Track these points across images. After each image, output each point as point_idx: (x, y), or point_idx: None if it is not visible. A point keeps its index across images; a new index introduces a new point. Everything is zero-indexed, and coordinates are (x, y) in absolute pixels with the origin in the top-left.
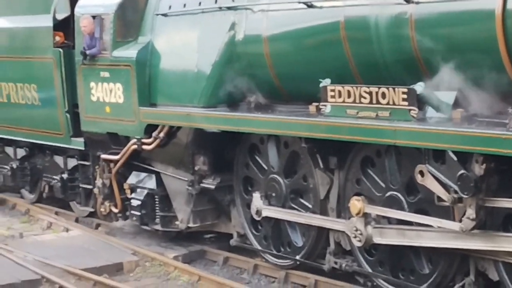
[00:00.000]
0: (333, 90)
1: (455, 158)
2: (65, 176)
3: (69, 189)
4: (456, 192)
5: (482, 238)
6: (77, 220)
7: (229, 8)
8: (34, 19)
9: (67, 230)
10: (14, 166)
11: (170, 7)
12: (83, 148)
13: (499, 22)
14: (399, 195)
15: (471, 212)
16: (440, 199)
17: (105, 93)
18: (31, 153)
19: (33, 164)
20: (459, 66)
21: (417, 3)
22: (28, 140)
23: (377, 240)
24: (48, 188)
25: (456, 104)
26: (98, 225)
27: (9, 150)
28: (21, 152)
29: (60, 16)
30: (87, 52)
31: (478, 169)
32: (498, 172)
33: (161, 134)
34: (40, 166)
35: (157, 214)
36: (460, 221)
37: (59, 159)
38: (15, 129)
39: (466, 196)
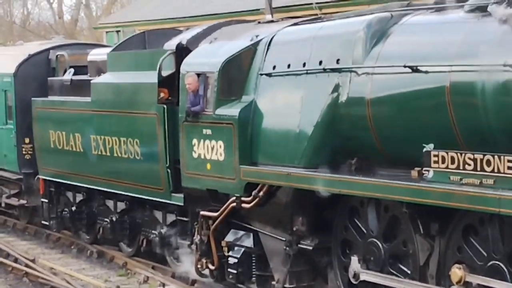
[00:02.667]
0: (436, 156)
1: None
2: (163, 231)
3: (167, 244)
4: None
5: None
6: (173, 276)
7: (333, 70)
8: (140, 75)
9: (163, 285)
10: (114, 219)
11: (274, 67)
12: (182, 204)
13: None
14: (501, 265)
15: None
16: None
17: (207, 150)
18: (131, 207)
19: (132, 218)
20: None
21: None
22: (129, 194)
23: None
24: (146, 242)
25: None
26: (194, 282)
27: (110, 203)
28: (121, 206)
29: (166, 73)
30: (191, 109)
31: None
32: None
33: (261, 193)
34: (139, 220)
35: (253, 273)
36: None
37: (158, 214)
38: (116, 182)
39: None
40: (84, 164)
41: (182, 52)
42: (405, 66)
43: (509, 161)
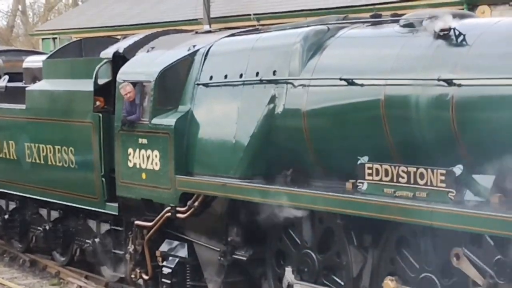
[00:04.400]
0: (370, 168)
1: (492, 243)
2: (97, 240)
3: (100, 253)
4: (491, 277)
5: None
6: (107, 285)
7: (270, 82)
8: (76, 83)
9: None
10: (47, 227)
11: (211, 77)
12: (117, 213)
13: None
14: (433, 277)
15: None
16: (475, 283)
17: (142, 160)
18: (65, 216)
19: (66, 227)
20: (499, 150)
21: (459, 85)
22: (62, 202)
23: None
24: (80, 252)
25: (495, 188)
26: None
27: (43, 211)
28: (54, 214)
29: (102, 81)
30: (127, 118)
31: None
32: None
33: (196, 203)
34: (72, 229)
35: (187, 283)
36: None
37: (92, 223)
38: (50, 191)
39: (502, 282)
40: (17, 172)
41: (118, 60)
42: (340, 79)
43: (441, 174)
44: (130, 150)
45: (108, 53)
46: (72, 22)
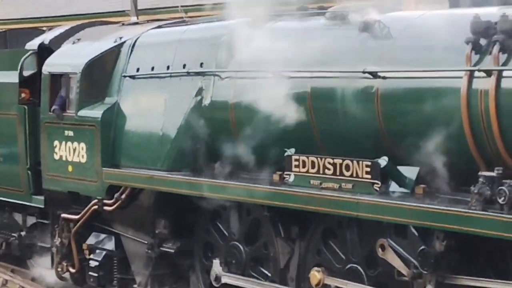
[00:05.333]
0: (297, 160)
1: (416, 234)
2: (23, 233)
3: (26, 247)
4: (416, 267)
5: None
6: (33, 279)
7: (197, 74)
8: (0, 75)
9: None
10: None
11: (138, 69)
12: (43, 206)
13: (464, 101)
14: (359, 267)
15: None
16: (400, 273)
17: (68, 152)
18: None
19: None
20: (423, 142)
21: (384, 78)
22: None
23: None
24: (5, 245)
25: (419, 179)
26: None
27: None
28: None
29: (27, 73)
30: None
31: (439, 245)
32: (459, 249)
33: (123, 196)
34: None
35: (115, 276)
36: None
37: (18, 216)
38: None
39: (425, 272)
40: None
41: (44, 52)
42: (267, 71)
43: (367, 166)
44: (56, 143)
45: (33, 44)
46: None
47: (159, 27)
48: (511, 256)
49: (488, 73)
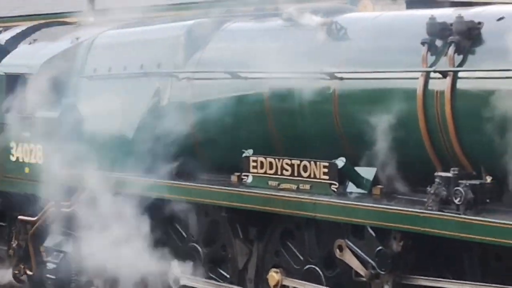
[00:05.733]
0: (255, 161)
1: (373, 234)
2: None
3: None
4: (373, 268)
5: None
6: None
7: (153, 74)
8: None
9: None
10: None
11: (95, 70)
12: None
13: (420, 102)
14: (317, 268)
15: None
16: (357, 274)
17: (25, 154)
18: None
19: None
20: (381, 143)
21: (341, 79)
22: None
23: None
24: None
25: (376, 180)
26: None
27: None
28: None
29: None
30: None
31: (396, 245)
32: (415, 249)
33: (81, 197)
34: None
35: (72, 278)
36: None
37: None
38: None
39: (383, 273)
40: None
41: (0, 52)
42: (225, 72)
43: (324, 167)
44: (13, 144)
45: None
46: None
47: (117, 27)
48: (467, 256)
49: (444, 74)
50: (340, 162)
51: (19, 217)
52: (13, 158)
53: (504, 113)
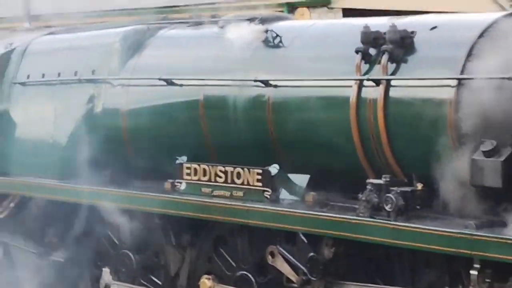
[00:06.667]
0: (189, 168)
1: (305, 241)
2: None
3: None
4: (305, 274)
5: None
6: None
7: (88, 81)
8: None
9: None
10: None
11: (28, 76)
12: None
13: (353, 110)
14: (249, 275)
15: None
16: (289, 280)
17: None
18: None
19: None
20: (314, 150)
21: (276, 86)
22: None
23: None
24: None
25: (310, 187)
26: None
27: None
28: None
29: None
30: None
31: (328, 252)
32: (347, 256)
33: (12, 204)
34: None
35: (2, 285)
36: None
37: None
38: None
39: (314, 279)
40: None
41: None
42: (160, 79)
43: (258, 174)
44: None
45: None
46: None
47: (51, 33)
48: (397, 262)
49: (377, 82)
50: (274, 169)
51: None
52: None
53: (435, 122)
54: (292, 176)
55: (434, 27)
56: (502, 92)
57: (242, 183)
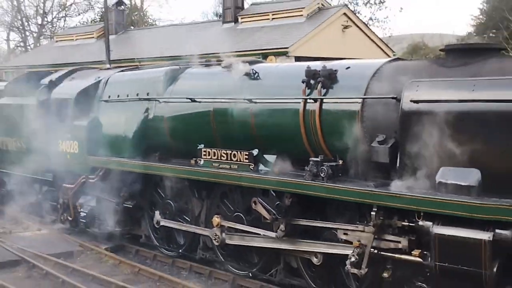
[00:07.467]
0: (205, 151)
1: (274, 194)
2: (40, 196)
3: (43, 205)
4: (274, 214)
5: (288, 242)
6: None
7: (145, 99)
8: (24, 99)
9: (39, 229)
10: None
11: (109, 96)
12: (51, 180)
13: (301, 117)
14: (241, 215)
15: (282, 227)
16: (265, 218)
17: (67, 147)
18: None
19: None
20: (279, 141)
21: (256, 103)
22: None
23: (228, 241)
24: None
25: (276, 162)
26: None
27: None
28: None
29: (42, 98)
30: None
31: (287, 201)
32: (298, 203)
33: (101, 173)
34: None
35: (96, 222)
36: (276, 231)
37: (36, 186)
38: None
39: (280, 217)
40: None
41: (52, 85)
42: (187, 98)
43: (246, 155)
44: (60, 140)
45: (46, 80)
46: (21, 61)
47: (123, 70)
48: (329, 207)
49: (315, 100)
50: (255, 151)
51: (64, 184)
52: (60, 149)
53: (349, 124)
54: (266, 156)
55: (348, 67)
56: (387, 106)
57: (237, 160)
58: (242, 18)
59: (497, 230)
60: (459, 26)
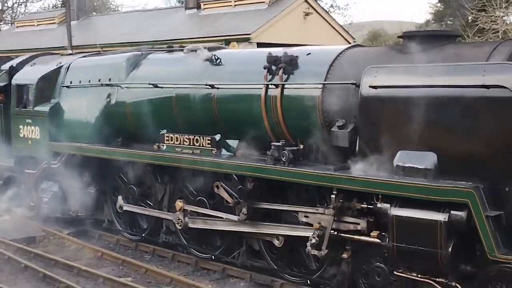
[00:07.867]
0: (168, 136)
1: (236, 178)
2: (0, 182)
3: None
4: (236, 198)
5: (250, 225)
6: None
7: (107, 85)
8: None
9: (1, 215)
10: None
11: (71, 82)
12: (13, 165)
13: (263, 102)
14: (204, 199)
15: (244, 210)
16: (227, 202)
17: (29, 132)
18: None
19: None
20: (241, 126)
21: (218, 88)
22: None
23: (191, 225)
24: None
25: (239, 147)
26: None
27: None
28: None
29: (2, 84)
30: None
31: (249, 185)
32: (260, 187)
33: (63, 158)
34: None
35: (58, 206)
36: (239, 215)
37: None
38: None
39: (242, 201)
40: None
41: (13, 71)
42: (149, 84)
43: (208, 140)
44: (21, 126)
45: (6, 66)
46: None
47: (84, 56)
48: (289, 190)
49: (276, 86)
50: (217, 136)
51: (26, 170)
52: (21, 135)
53: (310, 109)
54: (228, 141)
55: (309, 53)
56: (347, 92)
57: (199, 145)
58: (204, 5)
59: (452, 211)
60: (418, 13)
